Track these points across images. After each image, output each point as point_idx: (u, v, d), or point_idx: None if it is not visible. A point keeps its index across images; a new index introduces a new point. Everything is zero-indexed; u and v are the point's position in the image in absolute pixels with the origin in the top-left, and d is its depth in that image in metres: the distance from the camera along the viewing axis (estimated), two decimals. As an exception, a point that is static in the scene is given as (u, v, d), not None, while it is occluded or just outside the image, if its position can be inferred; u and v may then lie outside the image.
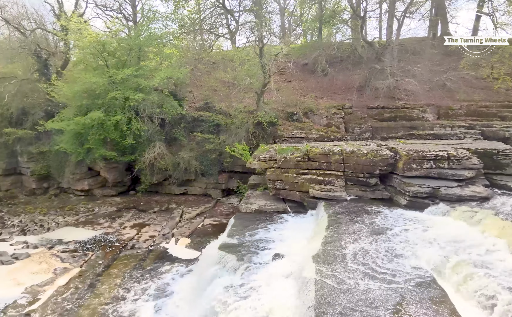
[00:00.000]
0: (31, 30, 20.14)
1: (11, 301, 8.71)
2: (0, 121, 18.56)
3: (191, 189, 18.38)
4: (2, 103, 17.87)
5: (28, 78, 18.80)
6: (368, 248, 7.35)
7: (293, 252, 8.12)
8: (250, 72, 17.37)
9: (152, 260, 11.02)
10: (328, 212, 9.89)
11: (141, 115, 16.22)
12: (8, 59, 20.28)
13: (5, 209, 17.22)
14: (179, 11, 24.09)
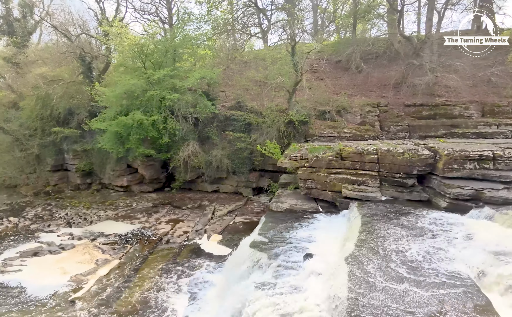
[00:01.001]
0: (76, 35, 21.51)
1: (59, 288, 9.41)
2: (49, 121, 20.05)
3: (223, 187, 18.73)
4: (51, 104, 19.29)
5: (73, 81, 20.11)
6: (405, 251, 7.07)
7: (325, 252, 8.01)
8: (281, 71, 17.32)
9: (186, 254, 11.37)
10: (361, 213, 9.63)
11: (176, 115, 16.76)
12: (56, 63, 21.83)
13: (53, 202, 18.61)
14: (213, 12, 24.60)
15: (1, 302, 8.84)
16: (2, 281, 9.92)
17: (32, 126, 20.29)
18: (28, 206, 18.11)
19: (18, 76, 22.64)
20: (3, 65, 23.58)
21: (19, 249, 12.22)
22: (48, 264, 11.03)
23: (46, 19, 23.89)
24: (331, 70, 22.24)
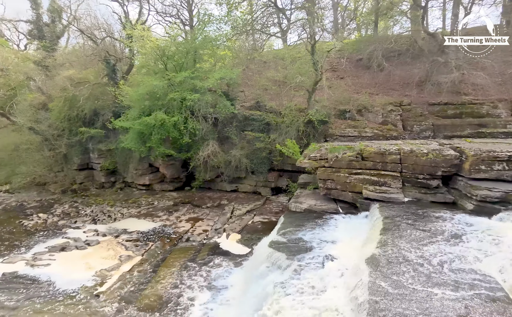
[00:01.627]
0: (101, 38, 22.28)
1: (85, 282, 9.79)
2: (76, 121, 20.87)
3: (242, 186, 18.84)
4: (78, 105, 20.07)
5: (99, 82, 20.84)
6: (428, 254, 6.87)
7: (345, 253, 7.92)
8: (301, 70, 17.22)
9: (205, 253, 11.53)
10: (383, 215, 9.43)
11: (196, 115, 17.02)
12: (83, 65, 22.67)
13: (80, 200, 19.37)
14: (232, 13, 24.77)
15: (32, 294, 9.30)
16: (33, 274, 10.43)
17: (60, 127, 21.19)
18: (56, 203, 18.94)
19: (47, 78, 23.65)
20: (33, 68, 24.70)
21: (48, 244, 12.81)
22: (75, 259, 11.49)
23: (73, 24, 24.89)
24: (351, 69, 21.88)
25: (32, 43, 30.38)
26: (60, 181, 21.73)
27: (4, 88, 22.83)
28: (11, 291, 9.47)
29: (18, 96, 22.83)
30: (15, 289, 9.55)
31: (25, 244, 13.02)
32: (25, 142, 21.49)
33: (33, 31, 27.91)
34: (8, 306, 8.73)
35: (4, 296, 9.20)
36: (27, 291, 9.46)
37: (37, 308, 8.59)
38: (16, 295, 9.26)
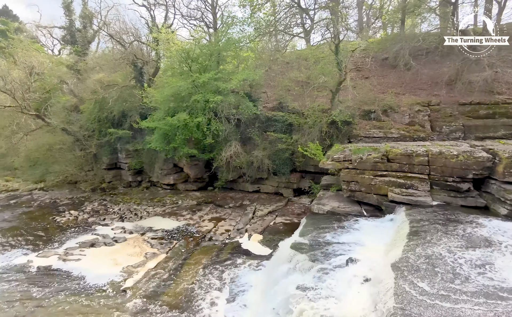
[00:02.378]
0: (129, 42, 23.08)
1: (113, 278, 10.17)
2: (105, 123, 21.75)
3: (264, 187, 18.88)
4: (107, 107, 20.92)
5: (126, 85, 21.59)
6: (457, 261, 6.59)
7: (369, 257, 7.74)
8: (324, 70, 17.03)
9: (228, 252, 11.66)
10: (409, 218, 9.15)
11: (219, 116, 17.24)
12: (112, 69, 23.60)
13: (108, 198, 20.15)
14: (256, 14, 24.88)
15: (65, 287, 9.79)
16: (65, 269, 10.97)
17: (91, 128, 22.17)
18: (86, 200, 19.81)
19: (79, 81, 24.79)
20: (66, 72, 25.99)
21: (78, 240, 13.42)
22: (103, 255, 11.97)
23: (103, 29, 25.97)
24: (377, 68, 21.36)
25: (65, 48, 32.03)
26: (90, 179, 22.74)
27: (40, 91, 24.18)
28: (44, 284, 10.01)
29: (52, 98, 24.10)
30: (48, 282, 10.09)
31: (57, 239, 13.71)
32: (58, 142, 22.64)
33: (66, 37, 29.39)
34: (42, 298, 9.23)
35: (38, 288, 9.74)
36: (60, 284, 9.96)
37: (68, 300, 9.03)
38: (49, 288, 9.78)
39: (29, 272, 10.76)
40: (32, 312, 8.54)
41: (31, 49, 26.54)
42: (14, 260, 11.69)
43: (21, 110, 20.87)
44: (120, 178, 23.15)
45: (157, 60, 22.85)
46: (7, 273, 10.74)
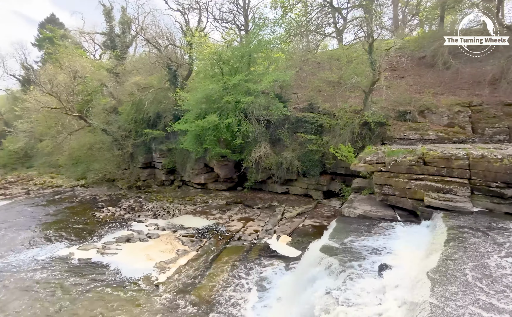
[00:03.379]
0: (164, 46, 23.96)
1: (146, 272, 10.59)
2: (141, 124, 22.74)
3: (293, 188, 18.76)
4: (143, 108, 21.86)
5: (161, 87, 22.44)
6: (500, 272, 6.14)
7: (403, 264, 7.43)
8: (357, 70, 16.60)
9: (256, 253, 11.71)
10: (447, 225, 8.66)
11: (249, 117, 17.39)
12: (148, 72, 24.63)
13: (143, 195, 21.02)
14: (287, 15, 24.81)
15: (102, 279, 10.35)
16: (103, 262, 11.59)
17: (128, 128, 23.29)
18: (123, 198, 20.80)
19: (118, 84, 26.14)
20: (106, 75, 27.49)
21: (115, 235, 14.12)
22: (138, 250, 12.50)
23: (140, 33, 27.15)
24: (413, 68, 20.48)
25: (105, 53, 33.89)
26: (127, 178, 23.87)
27: (83, 94, 25.80)
28: (84, 275, 10.65)
29: (93, 100, 25.62)
30: (88, 274, 10.72)
31: (96, 234, 14.52)
32: (98, 142, 24.03)
33: (107, 42, 31.10)
34: (82, 288, 9.82)
35: (79, 279, 10.38)
36: (98, 276, 10.54)
37: (106, 292, 9.53)
38: (88, 279, 10.38)
39: (71, 264, 11.49)
40: (73, 301, 9.11)
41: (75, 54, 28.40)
42: (58, 252, 12.54)
43: (65, 111, 22.39)
44: (154, 177, 24.08)
45: (190, 63, 23.51)
46: (52, 264, 11.56)
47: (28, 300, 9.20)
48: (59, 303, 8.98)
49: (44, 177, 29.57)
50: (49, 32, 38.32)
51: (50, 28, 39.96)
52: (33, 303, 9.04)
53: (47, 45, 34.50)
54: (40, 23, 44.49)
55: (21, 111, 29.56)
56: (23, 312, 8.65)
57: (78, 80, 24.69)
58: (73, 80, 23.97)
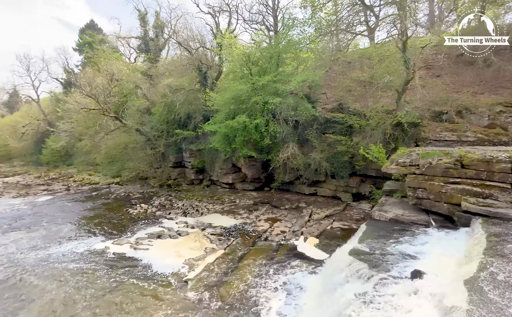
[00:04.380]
0: (195, 48, 24.58)
1: (176, 269, 10.91)
2: (173, 124, 23.48)
3: (321, 190, 18.51)
4: (174, 109, 22.56)
5: (192, 89, 23.04)
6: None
7: (437, 271, 7.10)
8: (390, 69, 16.07)
9: (283, 254, 11.69)
10: (487, 232, 8.16)
11: (278, 118, 17.38)
12: (179, 74, 25.38)
13: (173, 194, 21.68)
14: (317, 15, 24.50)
15: (135, 273, 10.82)
16: (136, 256, 12.10)
17: (160, 129, 24.14)
18: (154, 195, 21.58)
19: (151, 86, 27.16)
20: (140, 78, 28.66)
21: (147, 231, 14.68)
22: (168, 246, 12.91)
23: (173, 37, 28.04)
24: (450, 66, 19.46)
25: (140, 56, 35.32)
26: (158, 176, 24.74)
27: (118, 96, 27.08)
28: (119, 268, 11.18)
29: (128, 102, 26.80)
30: (122, 267, 11.24)
31: (130, 229, 15.19)
32: (132, 142, 25.11)
33: (141, 46, 32.41)
34: (117, 280, 10.32)
35: (113, 272, 10.92)
36: (131, 270, 11.02)
37: (138, 285, 9.95)
38: (122, 272, 10.89)
39: (107, 257, 12.11)
40: (109, 291, 9.60)
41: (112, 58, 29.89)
42: (94, 245, 13.26)
43: (103, 112, 23.62)
44: (184, 176, 24.76)
45: (220, 64, 23.93)
46: (89, 256, 12.26)
47: (65, 289, 9.81)
48: (94, 293, 9.50)
49: (83, 174, 31.40)
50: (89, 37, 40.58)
51: (89, 34, 42.32)
52: (71, 293, 9.63)
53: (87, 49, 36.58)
54: (81, 29, 47.27)
55: (63, 112, 31.60)
56: (60, 300, 9.25)
57: (114, 82, 25.97)
58: (110, 83, 25.24)
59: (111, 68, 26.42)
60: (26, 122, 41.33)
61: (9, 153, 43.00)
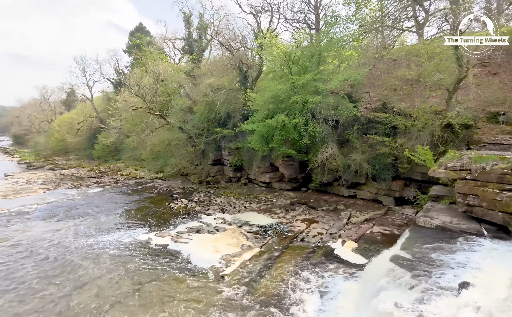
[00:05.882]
0: (236, 48, 24.99)
1: (213, 263, 11.21)
2: (213, 123, 24.13)
3: (360, 192, 17.89)
4: (215, 108, 23.17)
5: (232, 88, 23.48)
6: None
7: (488, 285, 6.56)
8: (440, 67, 15.08)
9: (319, 256, 11.50)
10: (549, 246, 7.38)
11: (317, 117, 17.11)
12: (221, 73, 25.99)
13: (212, 190, 22.27)
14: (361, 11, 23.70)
15: (174, 264, 11.30)
16: (176, 249, 12.63)
17: (201, 127, 24.95)
18: (194, 191, 22.34)
19: (193, 86, 28.12)
20: (184, 78, 29.78)
21: (187, 226, 15.24)
22: (206, 241, 13.30)
23: (215, 37, 28.73)
24: (509, 63, 17.78)
25: (183, 57, 36.69)
26: (198, 173, 25.58)
27: (163, 95, 28.39)
28: (160, 259, 11.75)
29: (172, 101, 28.00)
30: (163, 258, 11.80)
31: (171, 223, 15.88)
32: (175, 139, 26.21)
33: (185, 47, 33.62)
34: (158, 270, 10.86)
35: (156, 262, 11.50)
36: (171, 261, 11.53)
37: (178, 276, 10.38)
38: (163, 263, 11.44)
39: (150, 248, 12.77)
40: (151, 280, 10.14)
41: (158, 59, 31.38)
42: (139, 237, 14.05)
43: (149, 111, 24.92)
44: (223, 173, 25.33)
45: (260, 64, 24.10)
46: (133, 246, 13.03)
47: (110, 275, 10.53)
48: (137, 280, 10.09)
49: (130, 169, 33.42)
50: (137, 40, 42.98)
51: (138, 36, 44.81)
52: (115, 278, 10.32)
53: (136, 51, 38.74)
54: (130, 31, 50.28)
55: (113, 110, 33.85)
56: (105, 284, 9.94)
57: (160, 82, 27.26)
58: (156, 83, 26.54)
59: (157, 68, 27.77)
60: (81, 119, 44.88)
61: (66, 147, 47.00)
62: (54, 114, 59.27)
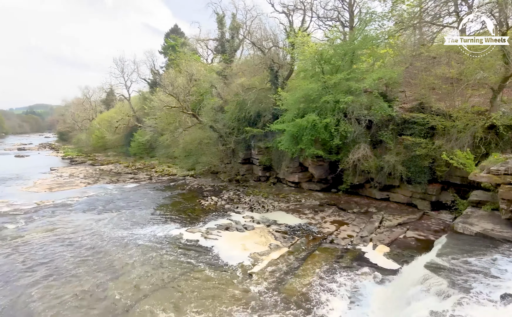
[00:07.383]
0: (268, 48, 25.03)
1: (242, 261, 11.34)
2: (243, 122, 24.35)
3: (394, 195, 17.24)
4: (245, 108, 23.38)
5: (263, 88, 23.56)
6: None
7: (535, 299, 6.08)
8: (484, 64, 14.13)
9: (349, 259, 11.25)
10: None
11: (349, 117, 16.71)
12: (252, 73, 26.16)
13: (241, 189, 22.52)
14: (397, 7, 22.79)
15: (204, 260, 11.58)
16: (206, 245, 12.93)
17: (231, 126, 25.28)
18: (224, 189, 22.71)
19: (225, 85, 28.54)
20: (216, 77, 30.32)
21: (217, 223, 15.54)
22: (235, 239, 13.48)
23: (247, 37, 28.97)
24: None
25: (216, 57, 37.35)
26: (228, 171, 25.96)
27: (196, 94, 29.10)
28: (190, 253, 12.09)
29: (204, 100, 28.62)
30: (193, 253, 12.13)
31: (202, 219, 16.28)
32: (206, 138, 26.81)
33: (218, 47, 34.22)
34: (189, 265, 11.19)
35: (186, 257, 11.86)
36: (201, 256, 11.82)
37: (206, 272, 10.63)
38: (194, 257, 11.75)
39: (181, 243, 13.18)
40: (181, 274, 10.47)
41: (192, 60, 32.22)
42: (170, 232, 14.54)
43: (182, 110, 25.69)
44: (252, 172, 25.52)
45: (292, 63, 23.96)
46: (166, 240, 13.52)
47: (144, 268, 10.99)
48: (169, 274, 10.46)
49: (163, 166, 34.66)
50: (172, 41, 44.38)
51: (173, 37, 46.27)
52: (148, 270, 10.76)
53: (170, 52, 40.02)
54: (166, 33, 52.05)
55: (149, 109, 35.23)
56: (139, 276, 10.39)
57: (193, 82, 27.97)
58: (189, 82, 27.27)
59: (191, 69, 28.51)
60: (119, 118, 47.25)
61: (105, 144, 49.74)
62: (95, 113, 62.88)
